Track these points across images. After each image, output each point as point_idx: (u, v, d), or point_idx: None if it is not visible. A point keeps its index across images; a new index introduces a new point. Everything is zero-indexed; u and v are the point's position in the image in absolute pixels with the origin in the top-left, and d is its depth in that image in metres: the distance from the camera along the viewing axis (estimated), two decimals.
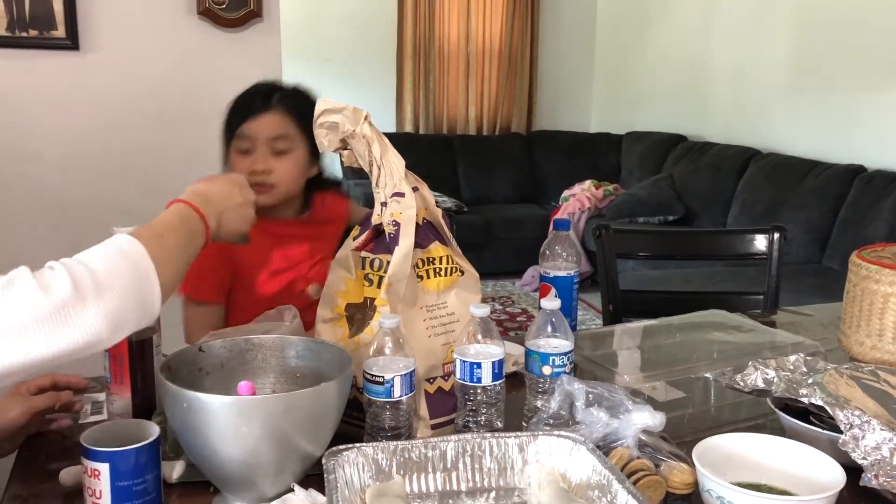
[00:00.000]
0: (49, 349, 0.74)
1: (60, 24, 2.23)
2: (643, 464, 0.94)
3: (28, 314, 0.73)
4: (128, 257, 0.82)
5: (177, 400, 0.86)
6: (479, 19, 5.82)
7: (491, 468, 0.95)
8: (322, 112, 1.09)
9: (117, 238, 0.85)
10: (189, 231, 0.96)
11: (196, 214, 0.98)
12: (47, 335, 0.74)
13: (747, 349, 1.36)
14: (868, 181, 3.62)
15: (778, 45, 4.38)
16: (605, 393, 1.01)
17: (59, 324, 0.74)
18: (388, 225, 1.08)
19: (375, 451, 0.92)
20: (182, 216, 0.97)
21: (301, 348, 1.03)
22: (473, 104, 5.93)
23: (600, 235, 1.92)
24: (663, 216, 4.67)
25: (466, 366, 1.02)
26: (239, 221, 1.07)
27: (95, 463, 0.85)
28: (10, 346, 0.72)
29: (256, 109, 1.51)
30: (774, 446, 0.95)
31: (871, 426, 0.93)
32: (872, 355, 1.29)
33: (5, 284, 0.74)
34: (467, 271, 1.14)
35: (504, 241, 5.08)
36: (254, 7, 2.35)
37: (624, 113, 5.90)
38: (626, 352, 1.42)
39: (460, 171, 5.57)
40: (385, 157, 1.08)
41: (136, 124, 2.36)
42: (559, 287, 1.39)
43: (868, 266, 1.29)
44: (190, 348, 1.00)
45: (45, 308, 0.74)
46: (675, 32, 5.32)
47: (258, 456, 0.87)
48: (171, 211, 0.97)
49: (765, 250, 1.95)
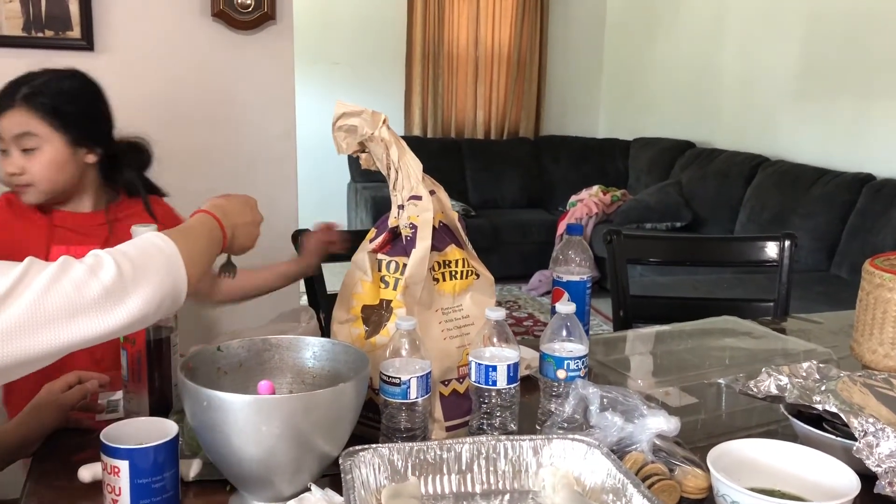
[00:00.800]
0: (100, 328, 0.81)
1: (76, 24, 2.24)
2: (658, 468, 0.95)
3: (84, 296, 0.80)
4: (162, 251, 0.89)
5: (197, 398, 0.87)
6: (489, 24, 5.84)
7: (505, 471, 0.95)
8: (340, 115, 1.10)
9: (150, 234, 0.92)
10: (211, 238, 1.04)
11: (217, 224, 1.05)
12: (99, 316, 0.81)
13: (759, 356, 1.36)
14: (877, 190, 3.62)
15: (787, 52, 4.39)
16: (619, 397, 1.02)
17: (111, 304, 0.81)
18: (405, 228, 1.09)
19: (391, 452, 0.92)
20: (206, 224, 1.04)
21: (318, 349, 1.04)
22: (482, 108, 5.94)
23: (611, 241, 1.93)
24: (671, 222, 4.66)
25: (482, 368, 1.03)
26: (247, 238, 1.14)
27: (115, 460, 0.86)
28: (68, 326, 0.79)
29: (2, 107, 1.43)
30: (789, 452, 0.96)
31: (886, 434, 0.94)
32: (885, 363, 1.29)
33: (59, 271, 0.80)
34: (483, 275, 1.15)
35: (511, 245, 5.08)
36: (268, 9, 2.36)
37: (632, 118, 5.90)
38: (638, 357, 1.42)
39: (468, 175, 5.58)
40: (403, 160, 1.09)
41: (150, 125, 2.35)
42: (572, 292, 1.39)
43: (882, 274, 1.29)
44: (208, 347, 1.00)
45: (97, 291, 0.81)
46: (683, 39, 5.32)
47: (276, 455, 0.88)
48: (197, 219, 1.05)
49: (775, 257, 1.95)
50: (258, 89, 2.45)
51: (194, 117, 2.38)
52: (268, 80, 2.46)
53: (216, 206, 1.08)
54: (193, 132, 2.39)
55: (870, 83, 3.85)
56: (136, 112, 2.34)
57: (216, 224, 1.05)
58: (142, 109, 2.33)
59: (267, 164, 2.50)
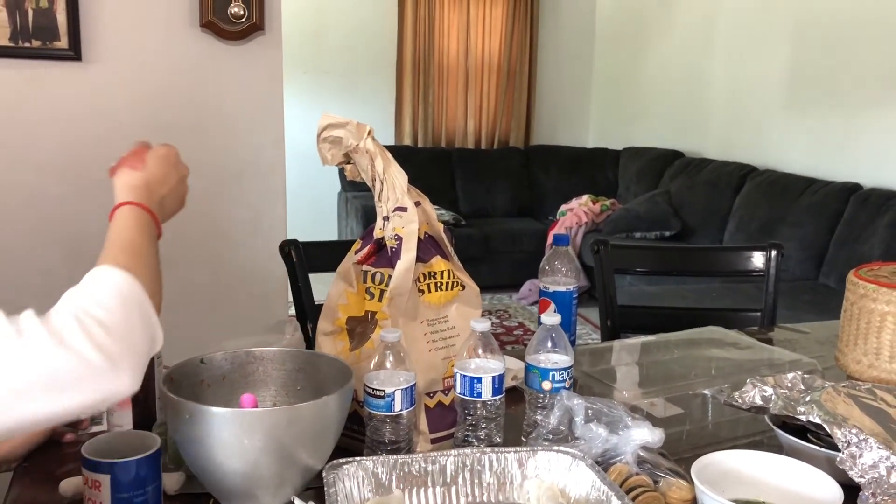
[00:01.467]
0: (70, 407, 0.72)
1: (64, 35, 2.24)
2: (642, 480, 0.94)
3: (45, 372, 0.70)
4: (130, 301, 0.79)
5: (179, 411, 0.86)
6: (479, 34, 5.86)
7: (490, 483, 0.95)
8: (325, 126, 1.10)
9: (111, 278, 0.80)
10: (150, 237, 0.92)
11: (149, 216, 0.93)
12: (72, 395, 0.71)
13: (745, 366, 1.37)
14: (864, 199, 3.64)
15: (775, 63, 4.42)
16: (604, 409, 1.02)
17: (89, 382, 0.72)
18: (391, 239, 1.09)
19: (375, 465, 0.92)
20: (140, 223, 0.91)
21: (302, 361, 1.03)
22: (472, 118, 5.96)
23: (599, 251, 1.93)
24: (660, 231, 4.68)
25: (467, 380, 1.03)
26: (177, 203, 1.02)
27: (96, 474, 0.85)
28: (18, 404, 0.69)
29: None
30: (772, 463, 0.96)
31: (869, 444, 0.94)
32: (870, 373, 1.30)
33: (14, 334, 0.70)
34: (468, 286, 1.15)
35: (501, 254, 5.09)
36: (256, 20, 2.37)
37: (622, 128, 5.93)
38: (624, 368, 1.42)
39: (458, 185, 5.59)
40: (388, 171, 1.09)
41: (138, 135, 2.34)
42: (558, 302, 1.40)
43: (865, 284, 1.30)
44: (192, 360, 1.00)
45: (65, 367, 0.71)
46: (673, 49, 5.36)
47: (259, 468, 0.87)
48: (127, 217, 0.91)
49: (762, 267, 1.96)
50: (247, 100, 2.45)
51: (182, 128, 2.37)
52: (256, 90, 2.46)
53: (137, 189, 0.94)
54: (181, 142, 2.35)
55: (857, 93, 3.88)
56: (124, 122, 2.35)
57: (148, 217, 0.92)
58: (129, 119, 2.34)
59: (255, 175, 2.49)
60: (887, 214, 3.44)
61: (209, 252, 2.47)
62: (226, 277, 2.51)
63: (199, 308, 2.43)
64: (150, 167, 0.98)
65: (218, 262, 2.49)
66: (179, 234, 2.44)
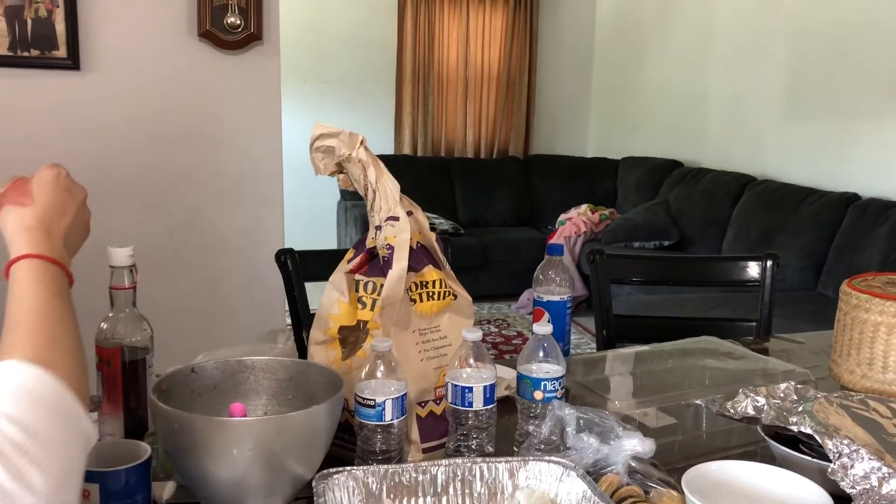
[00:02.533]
0: None
1: (62, 44, 2.25)
2: (633, 490, 0.94)
3: None
4: (53, 407, 0.65)
5: (168, 421, 0.86)
6: (478, 44, 5.88)
7: (481, 493, 0.95)
8: (318, 136, 1.11)
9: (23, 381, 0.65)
10: (61, 297, 0.76)
11: (55, 267, 0.77)
12: None
13: (739, 376, 1.37)
14: (863, 209, 3.64)
15: (774, 73, 4.43)
16: (595, 419, 1.01)
17: None
18: (383, 248, 1.09)
19: (366, 475, 0.92)
20: (45, 282, 0.76)
21: (293, 370, 1.03)
22: (471, 128, 5.97)
23: (594, 261, 1.93)
24: (658, 241, 4.69)
25: (458, 390, 1.03)
26: (82, 232, 0.88)
27: (86, 483, 0.85)
28: None
29: None
30: (764, 474, 0.96)
31: (860, 455, 0.94)
32: (863, 384, 1.30)
33: None
34: (460, 295, 1.15)
35: (500, 263, 5.10)
36: (254, 30, 2.38)
37: (620, 138, 5.94)
38: (618, 377, 1.42)
39: (458, 194, 5.60)
40: (380, 181, 1.09)
41: (136, 144, 2.37)
42: (552, 312, 1.40)
43: (858, 295, 1.30)
44: (182, 369, 1.00)
45: None
46: (672, 59, 5.37)
47: (248, 478, 0.87)
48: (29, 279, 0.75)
49: (758, 277, 1.96)
50: (245, 109, 2.46)
51: (180, 137, 2.38)
52: (254, 100, 2.47)
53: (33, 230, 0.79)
54: (179, 152, 2.40)
55: (855, 103, 3.89)
56: (122, 132, 2.36)
57: (58, 270, 0.77)
58: (127, 129, 2.35)
59: (253, 185, 2.50)
60: (885, 224, 3.44)
61: (207, 261, 2.48)
62: (224, 286, 2.51)
63: (197, 317, 2.43)
64: (41, 199, 0.82)
65: (216, 272, 2.50)
66: (177, 244, 2.46)
